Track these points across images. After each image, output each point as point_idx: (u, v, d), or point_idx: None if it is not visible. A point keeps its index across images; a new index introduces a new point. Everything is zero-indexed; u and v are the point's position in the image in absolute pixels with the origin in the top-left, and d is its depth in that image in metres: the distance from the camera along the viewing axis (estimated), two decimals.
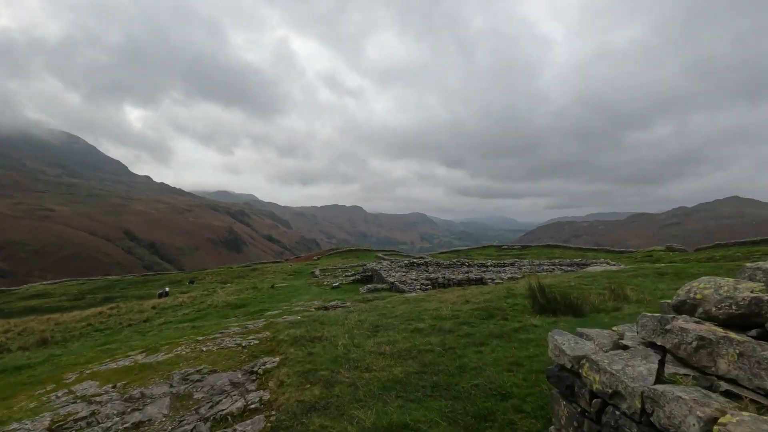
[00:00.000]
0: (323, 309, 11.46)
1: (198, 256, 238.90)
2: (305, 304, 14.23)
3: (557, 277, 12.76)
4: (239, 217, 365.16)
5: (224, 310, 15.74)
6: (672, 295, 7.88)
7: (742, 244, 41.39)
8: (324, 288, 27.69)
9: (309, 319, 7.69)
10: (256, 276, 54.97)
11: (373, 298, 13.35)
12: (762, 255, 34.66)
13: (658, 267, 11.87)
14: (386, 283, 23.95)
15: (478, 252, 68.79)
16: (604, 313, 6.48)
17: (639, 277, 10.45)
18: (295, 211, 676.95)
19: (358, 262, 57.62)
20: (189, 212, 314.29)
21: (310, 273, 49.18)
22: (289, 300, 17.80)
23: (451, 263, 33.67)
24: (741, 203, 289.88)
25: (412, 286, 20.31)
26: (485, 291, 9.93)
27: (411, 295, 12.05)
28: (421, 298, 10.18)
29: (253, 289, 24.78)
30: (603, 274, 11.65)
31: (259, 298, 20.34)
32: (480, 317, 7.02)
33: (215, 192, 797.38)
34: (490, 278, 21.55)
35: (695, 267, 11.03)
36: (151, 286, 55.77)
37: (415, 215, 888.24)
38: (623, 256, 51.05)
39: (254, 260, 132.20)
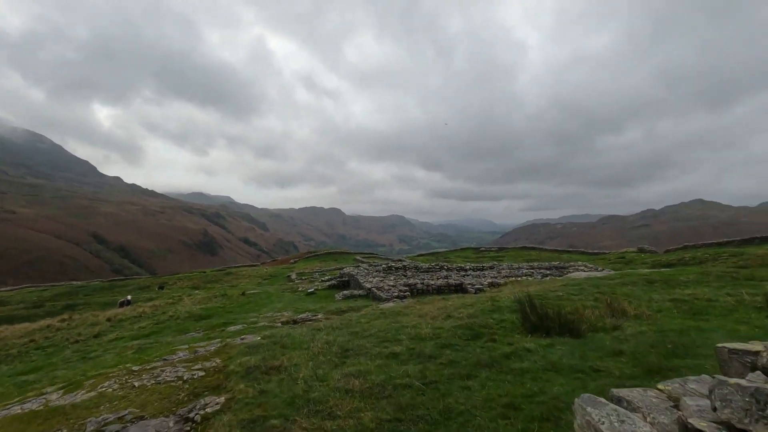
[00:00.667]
0: (291, 323, 10.44)
1: (171, 259, 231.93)
2: (274, 316, 13.15)
3: (542, 284, 12.10)
4: (215, 219, 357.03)
5: (185, 322, 14.47)
6: (669, 307, 7.22)
7: (709, 246, 42.48)
8: (298, 294, 26.50)
9: (270, 340, 6.69)
10: (230, 280, 53.04)
11: (348, 309, 12.40)
12: (729, 256, 35.46)
13: (645, 273, 11.36)
14: (363, 289, 23.00)
15: (457, 254, 68.53)
16: (603, 333, 5.74)
17: (627, 286, 9.86)
18: (272, 213, 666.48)
19: (336, 266, 56.37)
20: (161, 214, 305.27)
21: (286, 277, 47.70)
22: (259, 310, 16.64)
23: (429, 267, 32.97)
24: (704, 206, 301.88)
25: (390, 293, 19.43)
26: (467, 303, 9.11)
27: (388, 306, 11.16)
28: (398, 310, 9.29)
29: (223, 297, 23.39)
30: (589, 281, 11.04)
31: (227, 307, 19.04)
32: (464, 337, 6.18)
33: (190, 194, 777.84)
34: (470, 284, 20.89)
35: (683, 274, 10.55)
36: (118, 292, 53.09)
37: (393, 217, 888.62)
38: (597, 258, 51.63)
39: (230, 263, 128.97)
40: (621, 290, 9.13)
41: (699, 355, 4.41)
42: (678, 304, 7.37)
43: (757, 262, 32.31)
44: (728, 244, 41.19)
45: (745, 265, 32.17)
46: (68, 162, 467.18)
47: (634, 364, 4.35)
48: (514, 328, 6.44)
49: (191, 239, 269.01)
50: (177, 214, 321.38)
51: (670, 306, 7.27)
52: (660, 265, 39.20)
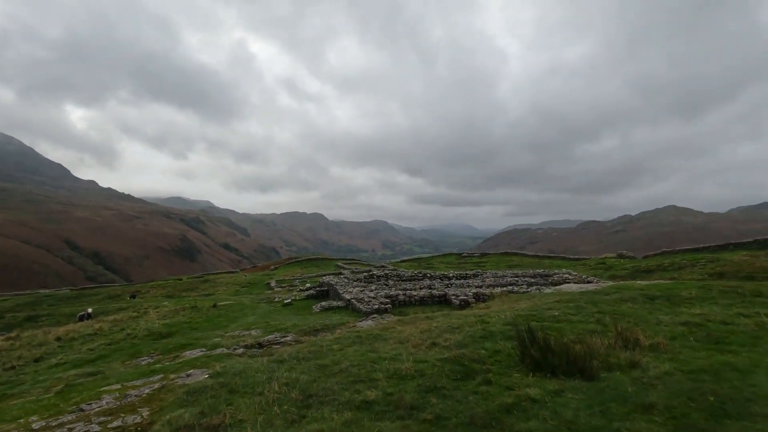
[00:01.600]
0: (256, 347, 9.23)
1: (148, 265, 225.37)
2: (240, 335, 11.88)
3: (532, 299, 11.17)
4: (194, 224, 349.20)
5: (142, 343, 13.04)
6: (683, 333, 6.27)
7: (686, 251, 42.97)
8: (274, 306, 25.09)
9: (218, 381, 5.46)
10: (207, 288, 50.98)
11: (322, 327, 11.22)
12: (706, 262, 35.68)
13: (642, 287, 10.56)
14: (342, 300, 21.81)
15: (439, 260, 67.93)
16: (620, 372, 4.77)
17: (627, 302, 9.00)
18: (253, 218, 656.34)
19: (318, 272, 54.87)
20: (138, 219, 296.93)
21: (265, 284, 46.01)
22: (227, 326, 15.29)
23: (412, 275, 31.95)
24: (678, 212, 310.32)
25: (370, 305, 18.30)
26: (454, 324, 8.06)
27: (365, 326, 10.07)
28: (377, 333, 8.19)
29: (192, 309, 21.84)
30: (584, 297, 10.16)
31: (193, 322, 17.60)
32: (453, 376, 5.12)
33: (168, 198, 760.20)
34: (454, 294, 19.93)
35: (684, 288, 9.77)
36: (86, 301, 50.46)
37: (376, 223, 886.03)
38: (578, 264, 51.63)
39: (210, 269, 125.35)
40: (622, 309, 8.26)
41: (754, 415, 3.47)
42: (692, 329, 6.50)
43: (734, 269, 32.41)
44: (704, 250, 41.69)
45: (723, 272, 32.24)
46: (39, 165, 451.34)
47: (674, 428, 3.37)
48: (511, 363, 5.42)
49: (169, 245, 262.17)
50: (154, 219, 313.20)
51: (684, 332, 6.39)
52: (640, 271, 39.18)
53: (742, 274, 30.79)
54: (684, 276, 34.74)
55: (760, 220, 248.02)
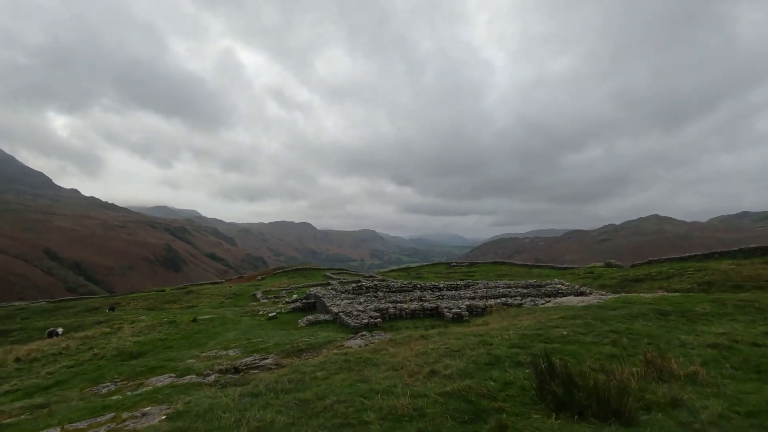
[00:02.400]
0: (231, 372, 8.23)
1: (131, 276, 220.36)
2: (216, 356, 10.83)
3: (533, 314, 10.38)
4: (179, 234, 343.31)
5: (109, 364, 11.88)
6: (715, 356, 5.36)
7: (673, 260, 43.03)
8: (258, 320, 23.90)
9: (175, 428, 4.50)
10: (190, 300, 49.28)
11: (307, 347, 10.24)
12: (694, 271, 35.59)
13: (650, 301, 9.87)
14: (330, 313, 20.80)
15: (428, 269, 67.12)
16: (661, 412, 3.96)
17: (638, 319, 8.27)
18: (240, 227, 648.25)
19: (305, 282, 53.57)
20: (122, 229, 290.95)
21: (251, 296, 44.58)
22: (205, 344, 14.18)
23: (402, 286, 31.04)
24: (660, 221, 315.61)
25: (359, 319, 17.36)
26: (453, 347, 7.19)
27: (354, 346, 9.16)
28: (367, 356, 7.28)
29: (170, 324, 20.57)
30: (590, 312, 9.42)
31: (169, 339, 16.40)
32: (460, 417, 4.25)
33: (153, 207, 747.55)
34: (447, 307, 19.10)
35: (696, 303, 9.12)
36: (62, 314, 48.32)
37: (365, 232, 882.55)
38: (567, 273, 51.34)
39: (195, 280, 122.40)
40: (635, 327, 7.51)
41: None
42: (723, 353, 5.78)
43: (722, 278, 32.25)
44: (690, 259, 41.75)
45: (711, 281, 32.04)
46: (20, 173, 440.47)
47: None
48: (527, 399, 4.57)
49: (153, 255, 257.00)
50: (139, 228, 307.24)
51: (716, 356, 5.66)
52: (628, 280, 38.88)
53: (730, 283, 30.64)
54: (673, 285, 34.50)
55: (739, 229, 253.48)
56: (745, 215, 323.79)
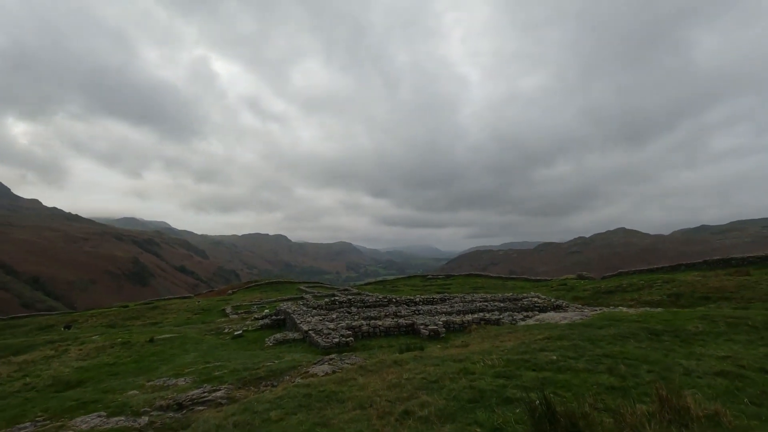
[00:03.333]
0: (174, 409, 7.04)
1: (94, 291, 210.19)
2: (164, 386, 9.55)
3: (516, 334, 9.61)
4: (147, 246, 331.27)
5: (38, 397, 10.34)
6: (727, 387, 4.56)
7: (642, 272, 43.86)
8: (222, 338, 22.35)
9: None
10: (156, 316, 46.50)
11: (267, 375, 9.11)
12: (662, 283, 36.17)
13: (638, 319, 9.30)
14: (299, 331, 19.57)
15: (404, 282, 66.28)
16: None
17: (629, 340, 7.61)
18: (212, 240, 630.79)
19: (278, 296, 51.61)
20: (85, 241, 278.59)
21: (220, 311, 42.42)
22: (155, 370, 12.76)
23: (377, 300, 30.00)
24: (627, 234, 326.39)
25: (330, 338, 16.25)
26: (430, 376, 6.29)
27: (320, 374, 8.13)
28: (332, 389, 6.29)
29: (122, 346, 18.83)
30: (575, 331, 8.74)
31: (118, 363, 14.83)
32: None
33: (120, 219, 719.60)
34: (423, 324, 18.21)
35: (686, 320, 8.59)
36: (11, 333, 44.63)
37: (341, 244, 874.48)
38: (540, 285, 51.53)
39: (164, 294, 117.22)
40: (629, 350, 6.82)
41: None
42: (734, 382, 5.11)
43: (689, 289, 32.73)
44: (658, 271, 42.67)
45: (679, 293, 32.46)
46: None
47: None
48: None
49: (119, 268, 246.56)
50: (104, 240, 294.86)
51: (727, 387, 4.99)
52: (601, 292, 39.15)
53: (697, 295, 31.10)
54: (643, 297, 34.83)
55: (699, 242, 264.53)
56: (705, 228, 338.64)
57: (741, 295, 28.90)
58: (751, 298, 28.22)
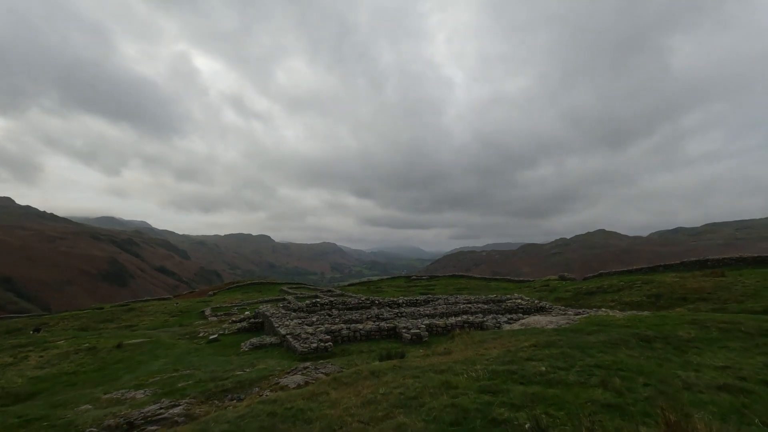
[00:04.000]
0: (123, 429, 6.31)
1: (70, 292, 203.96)
2: (122, 398, 8.76)
3: (501, 339, 9.11)
4: (126, 246, 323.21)
5: None
6: (732, 404, 4.21)
7: (621, 273, 44.32)
8: (197, 343, 21.38)
9: None
10: (131, 318, 44.83)
11: (234, 387, 8.41)
12: (642, 284, 36.50)
13: (626, 323, 8.92)
14: (277, 335, 18.79)
15: (388, 283, 65.76)
16: None
17: (620, 348, 7.18)
18: (194, 240, 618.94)
19: (260, 297, 50.42)
20: (61, 240, 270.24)
21: (199, 312, 41.14)
22: (118, 379, 11.88)
23: (359, 302, 29.34)
24: (606, 235, 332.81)
25: (308, 343, 15.53)
26: (409, 391, 5.71)
27: (291, 386, 7.49)
28: (300, 406, 5.65)
29: (87, 352, 17.75)
30: (563, 337, 8.29)
31: (79, 372, 13.85)
32: None
33: (98, 218, 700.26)
34: (405, 327, 17.64)
35: (676, 325, 8.23)
36: None
37: (325, 245, 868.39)
38: (523, 286, 51.63)
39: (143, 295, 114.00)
40: (621, 358, 6.36)
41: None
42: (739, 398, 4.68)
43: (668, 290, 32.98)
44: (637, 272, 43.17)
45: (659, 293, 32.70)
46: None
47: None
48: None
49: (96, 269, 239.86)
50: (80, 240, 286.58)
51: (732, 403, 4.55)
52: (582, 293, 39.29)
53: (676, 296, 31.38)
54: (624, 297, 35.04)
55: (675, 243, 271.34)
56: (680, 230, 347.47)
57: (718, 296, 29.27)
58: (727, 299, 28.59)
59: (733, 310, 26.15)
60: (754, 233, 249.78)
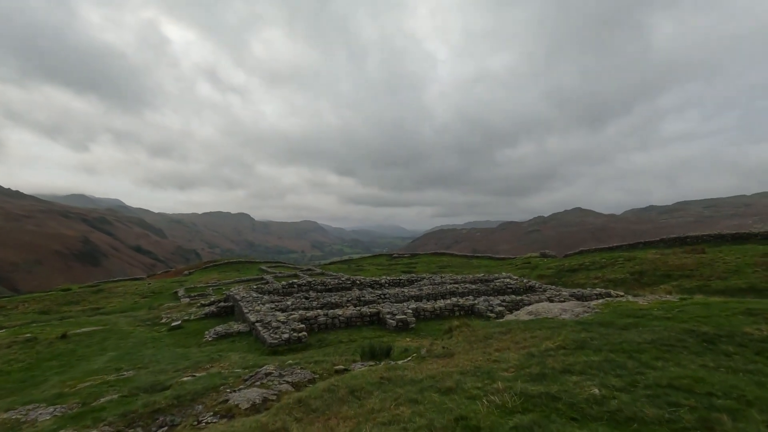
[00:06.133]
0: None
1: (40, 272, 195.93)
2: (20, 421, 6.64)
3: (511, 335, 7.28)
4: (99, 225, 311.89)
5: None
6: None
7: (602, 250, 43.88)
8: (157, 331, 19.14)
9: None
10: (98, 300, 41.85)
11: (168, 405, 6.35)
12: (624, 261, 35.89)
13: (665, 313, 7.23)
14: (247, 322, 16.74)
15: (370, 261, 64.28)
16: None
17: (681, 351, 5.39)
18: (171, 218, 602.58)
19: (238, 277, 47.98)
20: (28, 219, 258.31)
21: (173, 293, 38.61)
22: (44, 382, 9.70)
23: (339, 283, 27.42)
24: (583, 213, 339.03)
25: (278, 333, 13.53)
26: (405, 426, 3.83)
27: (240, 408, 5.54)
28: None
29: (24, 345, 15.34)
30: (593, 333, 6.53)
31: (2, 371, 11.56)
32: None
33: (68, 196, 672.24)
34: (390, 312, 15.78)
35: (732, 317, 6.57)
36: None
37: (306, 223, 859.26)
38: (505, 263, 50.81)
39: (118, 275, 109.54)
40: (700, 373, 4.55)
41: None
42: None
43: (651, 267, 32.19)
44: (618, 249, 42.83)
45: (642, 270, 31.89)
46: None
47: None
48: None
49: (68, 248, 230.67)
50: (50, 219, 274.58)
51: None
52: (564, 270, 38.41)
53: (659, 273, 30.74)
54: (607, 275, 34.36)
55: (648, 221, 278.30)
56: (653, 208, 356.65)
57: (701, 273, 28.70)
58: (710, 276, 28.03)
59: (718, 287, 25.55)
60: (722, 211, 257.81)
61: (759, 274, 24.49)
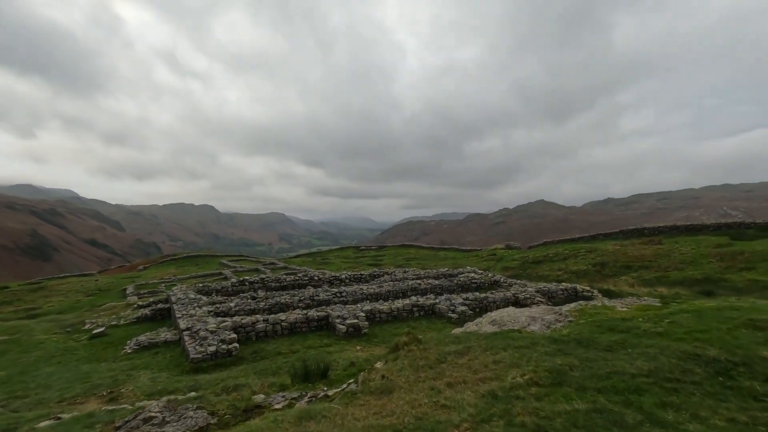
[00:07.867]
0: None
1: None
2: None
3: (471, 361, 5.69)
4: (49, 217, 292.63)
5: None
6: None
7: (565, 242, 44.09)
8: (74, 340, 16.52)
9: None
10: (36, 299, 37.67)
11: None
12: (586, 252, 35.92)
13: (651, 325, 5.91)
14: (178, 329, 14.55)
15: (337, 254, 62.58)
16: None
17: (691, 391, 3.99)
18: (129, 210, 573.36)
19: (197, 272, 44.78)
20: None
21: (121, 291, 35.18)
22: None
23: (295, 280, 25.39)
24: (546, 206, 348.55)
25: (205, 344, 11.45)
26: None
27: None
28: None
29: None
30: (573, 359, 5.06)
31: None
32: None
33: (13, 186, 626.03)
34: (340, 317, 13.99)
35: (734, 330, 5.31)
36: None
37: (273, 215, 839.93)
38: (471, 255, 50.31)
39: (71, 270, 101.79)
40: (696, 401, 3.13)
41: None
42: None
43: (612, 258, 32.03)
44: (580, 240, 43.17)
45: (603, 261, 31.72)
46: None
47: None
48: None
49: (14, 242, 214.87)
50: None
51: None
52: (529, 262, 37.93)
53: (620, 264, 30.67)
54: (570, 266, 34.13)
55: (606, 213, 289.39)
56: (610, 201, 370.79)
57: (659, 264, 28.77)
58: (667, 267, 28.12)
59: (676, 278, 25.50)
60: (673, 203, 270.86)
61: (713, 265, 24.74)
